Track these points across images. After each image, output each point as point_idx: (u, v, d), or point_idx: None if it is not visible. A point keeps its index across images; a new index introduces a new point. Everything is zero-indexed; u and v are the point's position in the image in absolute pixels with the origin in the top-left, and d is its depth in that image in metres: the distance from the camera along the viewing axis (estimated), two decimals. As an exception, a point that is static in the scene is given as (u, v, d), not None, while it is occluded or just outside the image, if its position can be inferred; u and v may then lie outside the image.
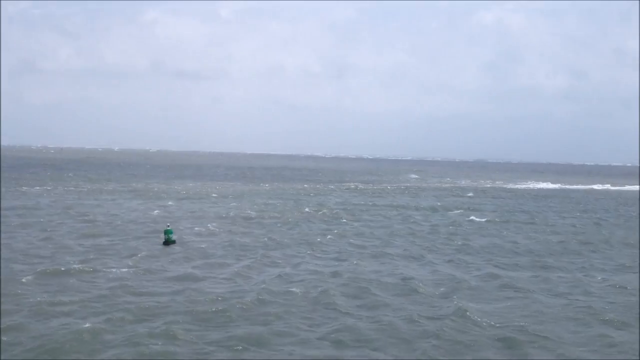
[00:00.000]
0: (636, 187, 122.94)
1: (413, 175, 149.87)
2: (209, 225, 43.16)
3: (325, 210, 55.09)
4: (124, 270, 27.18)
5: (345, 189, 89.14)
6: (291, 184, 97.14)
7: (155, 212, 50.13)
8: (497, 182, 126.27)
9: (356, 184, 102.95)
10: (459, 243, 38.10)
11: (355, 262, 30.54)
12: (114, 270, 27.04)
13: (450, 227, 46.09)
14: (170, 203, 58.30)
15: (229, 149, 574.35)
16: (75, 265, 27.55)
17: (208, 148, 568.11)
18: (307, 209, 55.86)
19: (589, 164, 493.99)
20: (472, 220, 51.08)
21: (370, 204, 64.50)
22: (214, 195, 69.32)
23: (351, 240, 38.37)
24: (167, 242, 34.24)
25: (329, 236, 39.44)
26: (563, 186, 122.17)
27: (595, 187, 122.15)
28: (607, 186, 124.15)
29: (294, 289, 24.35)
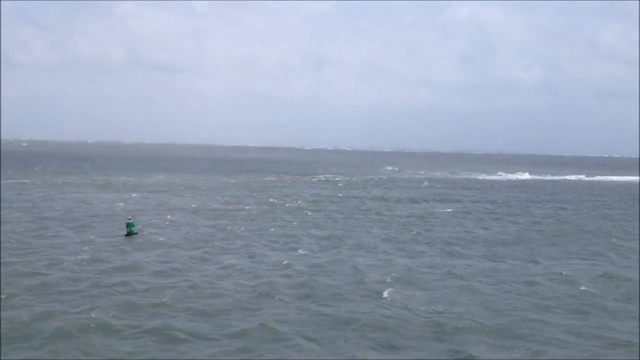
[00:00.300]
0: (611, 178, 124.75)
1: (389, 167, 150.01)
2: (172, 217, 42.93)
3: (291, 203, 54.77)
4: (77, 258, 27.14)
5: (317, 181, 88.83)
6: (263, 176, 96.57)
7: (121, 204, 49.56)
8: (472, 174, 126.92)
9: (329, 175, 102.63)
10: (418, 233, 38.24)
11: (306, 252, 30.55)
12: (65, 262, 26.66)
13: (411, 219, 46.13)
14: (134, 195, 57.58)
15: (206, 141, 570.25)
16: (28, 258, 27.31)
17: (185, 140, 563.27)
18: (273, 200, 55.58)
19: (565, 155, 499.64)
20: (436, 211, 51.17)
21: (341, 195, 64.30)
22: (182, 187, 68.65)
23: (310, 231, 38.21)
24: (129, 234, 34.65)
25: (287, 228, 39.24)
26: (536, 177, 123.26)
27: (569, 177, 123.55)
28: (582, 176, 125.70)
29: (241, 280, 24.36)
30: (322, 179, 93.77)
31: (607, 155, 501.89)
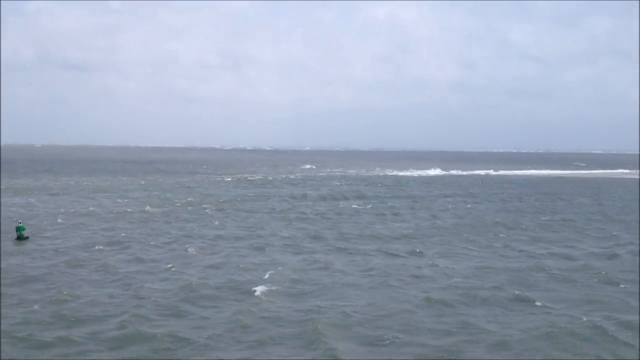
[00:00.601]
0: (516, 172, 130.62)
1: (307, 166, 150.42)
2: (67, 220, 41.21)
3: (196, 204, 53.70)
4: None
5: (230, 180, 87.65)
6: (174, 177, 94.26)
7: (18, 209, 47.40)
8: (386, 170, 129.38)
9: (246, 175, 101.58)
10: (318, 230, 38.26)
11: (195, 254, 29.95)
12: None
13: (316, 216, 46.25)
14: (32, 200, 54.76)
15: (121, 142, 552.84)
16: None
17: (99, 142, 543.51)
18: (176, 201, 54.36)
19: (479, 151, 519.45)
20: (342, 208, 51.57)
21: (252, 194, 63.65)
22: (86, 190, 65.85)
23: (209, 231, 37.35)
24: (20, 238, 33.62)
25: (185, 229, 38.17)
26: (446, 172, 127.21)
27: (479, 172, 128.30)
28: (490, 171, 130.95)
29: (109, 289, 23.13)
30: (235, 178, 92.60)
31: (515, 151, 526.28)
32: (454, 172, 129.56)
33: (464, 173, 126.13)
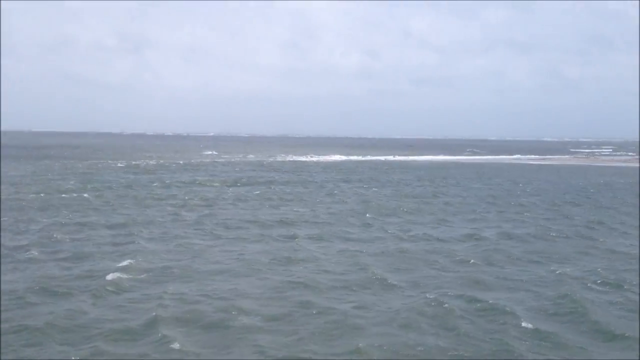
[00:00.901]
0: (415, 158, 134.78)
1: (209, 152, 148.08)
2: None
3: (72, 191, 50.73)
4: None
5: (122, 166, 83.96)
6: (61, 162, 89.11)
7: None
8: (287, 156, 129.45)
9: (139, 161, 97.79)
10: (195, 216, 37.20)
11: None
12: None
13: (199, 201, 44.91)
14: None
15: (12, 127, 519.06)
16: None
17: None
18: (57, 189, 51.02)
19: (384, 137, 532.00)
20: (229, 193, 50.73)
21: (145, 180, 60.91)
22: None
23: (76, 219, 35.05)
24: None
25: (47, 218, 35.67)
26: (348, 158, 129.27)
27: (380, 158, 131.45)
28: (390, 157, 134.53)
29: None
30: (128, 164, 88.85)
31: (415, 137, 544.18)
32: (354, 157, 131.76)
33: (364, 158, 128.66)
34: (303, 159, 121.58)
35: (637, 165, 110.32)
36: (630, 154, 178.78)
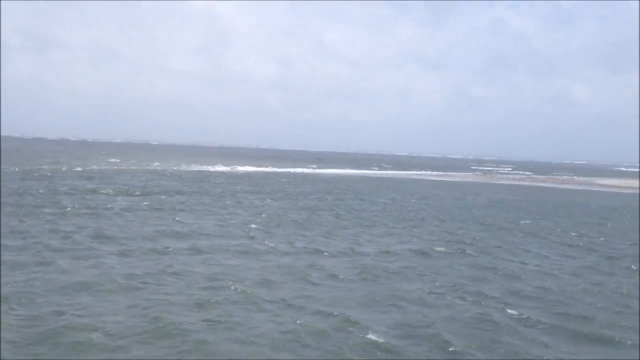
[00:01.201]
0: (331, 171, 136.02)
1: (112, 159, 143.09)
2: None
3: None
4: None
5: (17, 171, 79.18)
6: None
7: None
8: (192, 166, 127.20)
9: (35, 166, 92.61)
10: (69, 225, 35.41)
11: None
12: None
13: (83, 210, 42.94)
14: None
15: None
16: None
17: None
18: None
19: (296, 149, 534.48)
20: (118, 203, 48.82)
21: (32, 188, 57.56)
22: None
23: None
24: None
25: None
26: (258, 169, 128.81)
27: (292, 170, 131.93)
28: (304, 170, 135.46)
29: None
30: (21, 169, 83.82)
31: (337, 151, 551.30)
32: (262, 169, 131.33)
33: (272, 170, 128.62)
34: (209, 168, 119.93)
35: (529, 183, 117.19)
36: (526, 173, 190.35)
